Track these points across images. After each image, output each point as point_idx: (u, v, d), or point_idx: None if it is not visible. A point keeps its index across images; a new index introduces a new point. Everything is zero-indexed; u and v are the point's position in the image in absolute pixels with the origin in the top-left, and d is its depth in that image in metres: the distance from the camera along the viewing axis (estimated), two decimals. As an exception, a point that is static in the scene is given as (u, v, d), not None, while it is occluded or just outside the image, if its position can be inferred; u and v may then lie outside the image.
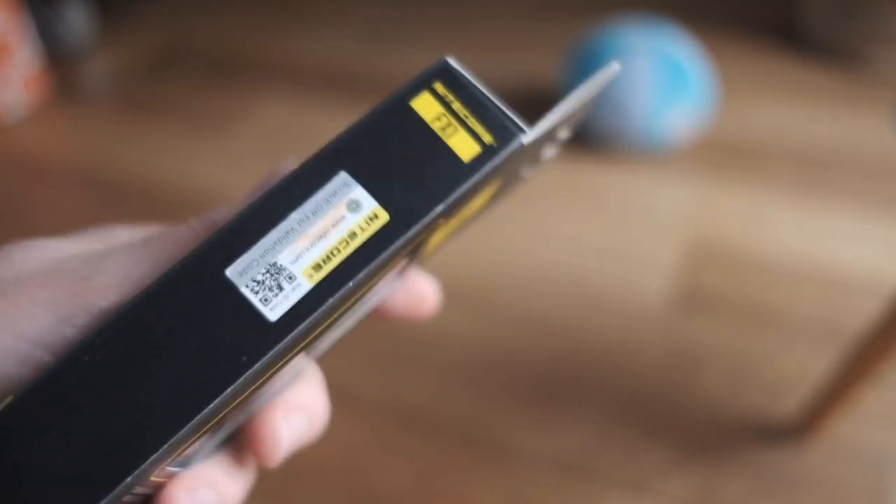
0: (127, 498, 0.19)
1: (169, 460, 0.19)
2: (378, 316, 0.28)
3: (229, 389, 0.18)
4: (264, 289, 0.19)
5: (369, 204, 0.20)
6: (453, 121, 0.20)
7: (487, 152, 0.20)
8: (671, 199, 1.17)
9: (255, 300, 0.19)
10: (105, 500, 0.17)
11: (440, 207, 0.20)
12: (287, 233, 0.19)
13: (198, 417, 0.18)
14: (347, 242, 0.19)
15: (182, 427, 0.18)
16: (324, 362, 0.84)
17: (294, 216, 0.19)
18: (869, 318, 0.96)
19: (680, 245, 1.08)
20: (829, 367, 0.89)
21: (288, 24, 1.66)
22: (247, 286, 0.19)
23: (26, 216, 1.15)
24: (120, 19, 1.67)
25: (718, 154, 1.26)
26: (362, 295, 0.20)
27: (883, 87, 1.40)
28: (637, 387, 0.88)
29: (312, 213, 0.19)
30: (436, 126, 0.20)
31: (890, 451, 0.81)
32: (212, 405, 0.18)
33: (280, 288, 0.19)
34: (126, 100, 1.43)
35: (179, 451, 0.19)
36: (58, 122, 1.37)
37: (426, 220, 0.19)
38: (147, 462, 0.18)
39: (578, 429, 0.83)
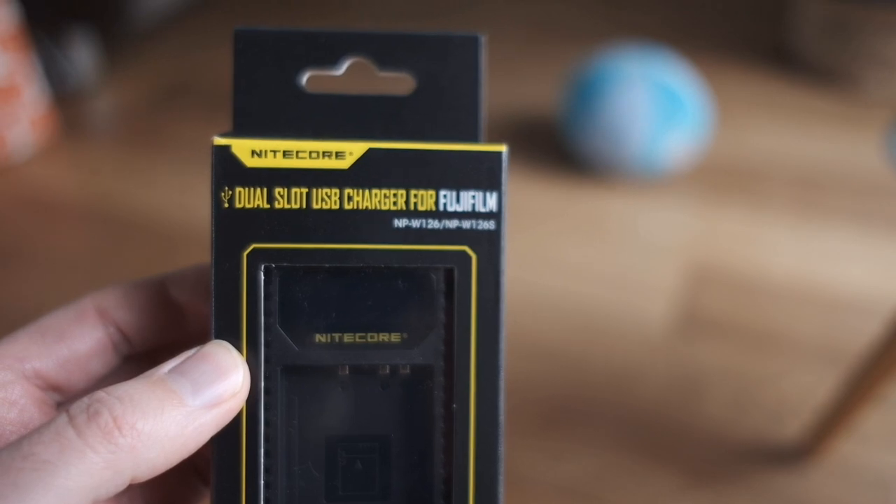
0: None
1: None
2: None
3: None
4: None
5: None
6: None
7: None
8: (670, 224, 1.19)
9: None
10: None
11: None
12: None
13: None
14: None
15: None
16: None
17: None
18: (869, 338, 0.97)
19: (680, 269, 1.09)
20: (832, 389, 0.90)
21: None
22: None
23: (35, 254, 1.17)
24: (125, 57, 1.69)
25: (716, 178, 1.28)
26: None
27: (874, 108, 1.42)
28: (642, 412, 0.89)
29: None
30: None
31: (894, 473, 0.82)
32: None
33: None
34: (132, 136, 1.46)
35: None
36: (65, 160, 1.39)
37: None
38: None
39: (585, 456, 0.84)
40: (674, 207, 1.22)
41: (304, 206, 0.24)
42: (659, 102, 1.21)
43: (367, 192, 0.24)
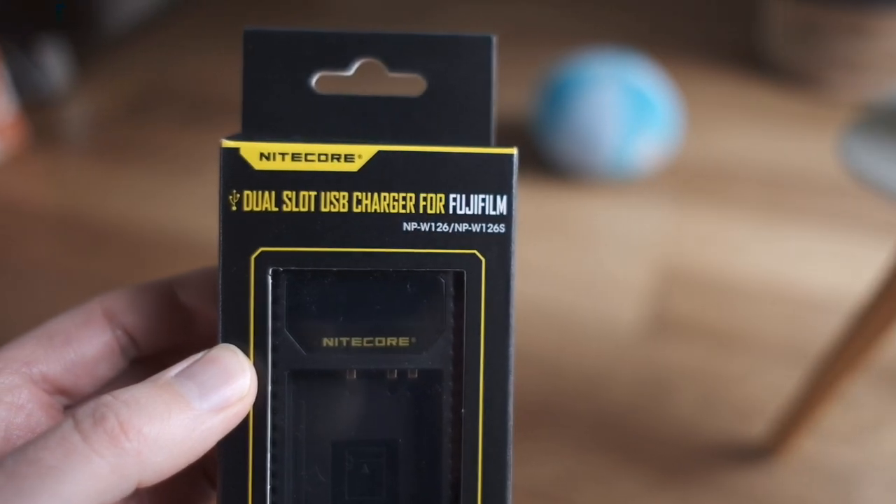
0: None
1: None
2: None
3: None
4: None
5: None
6: None
7: None
8: (640, 226, 1.20)
9: None
10: None
11: None
12: None
13: None
14: None
15: None
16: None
17: None
18: (833, 335, 0.98)
19: (650, 271, 1.10)
20: (796, 387, 0.92)
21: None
22: None
23: (6, 263, 1.16)
24: (97, 64, 1.69)
25: (685, 179, 1.29)
26: None
27: (841, 110, 1.45)
28: (611, 415, 0.90)
29: None
30: None
31: (856, 468, 0.83)
32: None
33: None
34: (104, 144, 1.45)
35: None
36: (35, 169, 1.38)
37: None
38: None
39: (554, 460, 0.85)
40: (644, 209, 1.23)
41: (313, 209, 0.24)
42: (629, 105, 1.22)
43: (376, 195, 0.24)
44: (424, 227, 0.24)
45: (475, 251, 0.24)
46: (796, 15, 1.55)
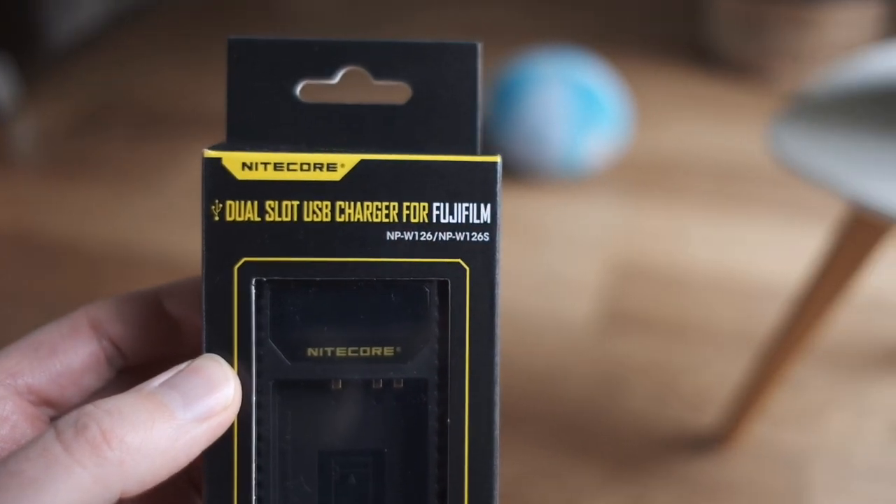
0: None
1: None
2: None
3: None
4: None
5: None
6: None
7: None
8: (591, 222, 1.22)
9: None
10: None
11: None
12: None
13: None
14: None
15: None
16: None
17: None
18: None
19: (603, 267, 1.12)
20: (745, 374, 0.93)
21: (212, 74, 1.68)
22: None
23: (-47, 287, 1.14)
24: (44, 80, 1.67)
25: (636, 174, 1.31)
26: None
27: (783, 100, 1.47)
28: (566, 411, 0.91)
29: None
30: None
31: (805, 451, 0.85)
32: None
33: None
34: (54, 161, 1.43)
35: None
36: (-17, 189, 1.36)
37: None
38: None
39: (509, 459, 0.86)
40: (595, 206, 1.25)
41: (296, 218, 0.24)
42: (577, 103, 1.23)
43: (359, 204, 0.24)
44: (408, 236, 0.24)
45: (459, 260, 0.24)
46: (740, 8, 1.57)
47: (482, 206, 0.24)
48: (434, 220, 0.24)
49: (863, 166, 0.63)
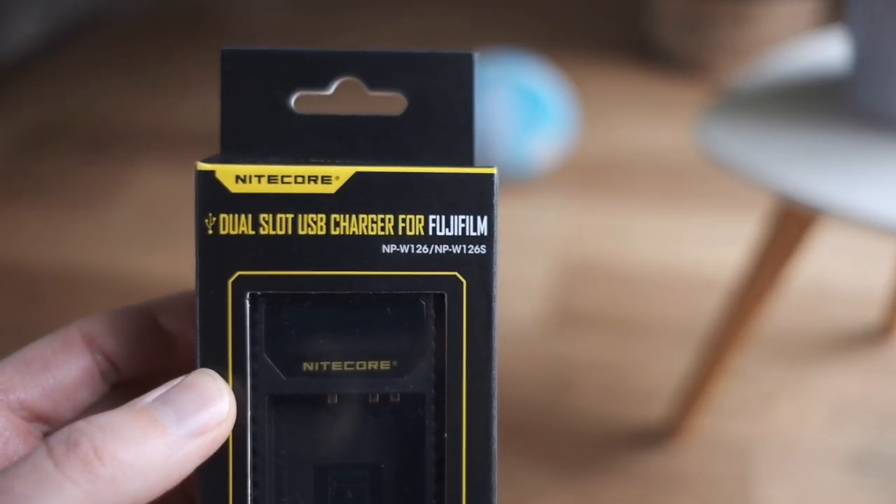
0: None
1: None
2: None
3: None
4: None
5: None
6: None
7: None
8: (539, 223, 1.22)
9: None
10: None
11: None
12: None
13: None
14: None
15: None
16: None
17: None
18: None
19: (551, 267, 1.12)
20: (691, 367, 0.94)
21: (158, 92, 1.66)
22: None
23: None
24: (-17, 101, 1.63)
25: (583, 174, 1.32)
26: None
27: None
28: (515, 413, 0.91)
29: None
30: None
31: (750, 441, 0.86)
32: None
33: None
34: (-6, 183, 1.41)
35: None
36: (-78, 215, 1.33)
37: None
38: None
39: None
40: (542, 207, 1.25)
41: (290, 232, 0.24)
42: (521, 105, 1.24)
43: (354, 217, 0.24)
44: (404, 248, 0.24)
45: (456, 273, 0.24)
46: (682, 6, 1.60)
47: (479, 217, 0.24)
48: (430, 233, 0.24)
49: (789, 158, 0.64)
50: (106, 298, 1.12)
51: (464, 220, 0.24)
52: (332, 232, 0.24)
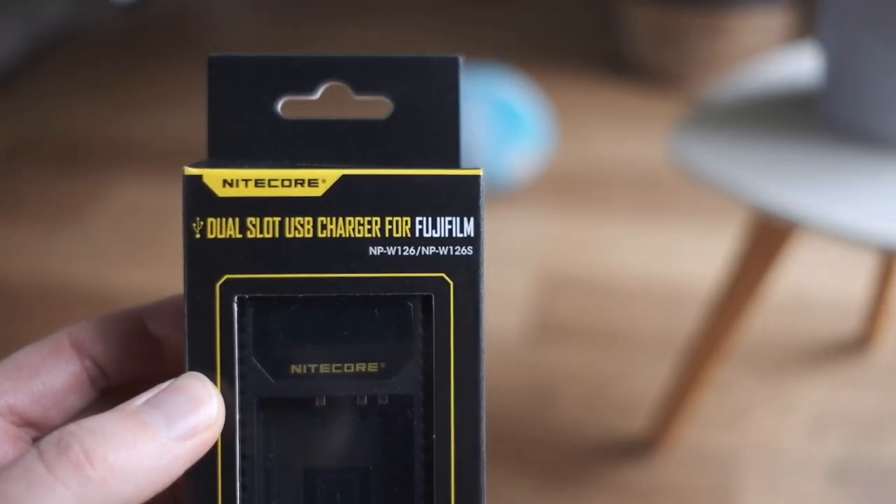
0: None
1: None
2: None
3: None
4: None
5: None
6: None
7: None
8: (518, 236, 1.22)
9: None
10: None
11: None
12: None
13: None
14: None
15: None
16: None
17: None
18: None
19: (530, 280, 1.12)
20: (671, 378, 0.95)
21: (135, 105, 1.65)
22: None
23: None
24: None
25: (560, 186, 1.32)
26: None
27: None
28: (496, 425, 0.90)
29: None
30: None
31: (731, 452, 0.86)
32: None
33: None
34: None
35: None
36: None
37: None
38: None
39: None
40: (521, 220, 1.26)
41: (277, 235, 0.24)
42: (497, 119, 1.24)
43: (341, 219, 0.24)
44: (391, 251, 0.24)
45: (443, 274, 0.24)
46: (655, 19, 1.61)
47: (465, 219, 0.24)
48: (417, 235, 0.24)
49: (762, 171, 0.65)
50: (87, 312, 1.09)
51: (450, 222, 0.24)
52: (320, 235, 0.24)
